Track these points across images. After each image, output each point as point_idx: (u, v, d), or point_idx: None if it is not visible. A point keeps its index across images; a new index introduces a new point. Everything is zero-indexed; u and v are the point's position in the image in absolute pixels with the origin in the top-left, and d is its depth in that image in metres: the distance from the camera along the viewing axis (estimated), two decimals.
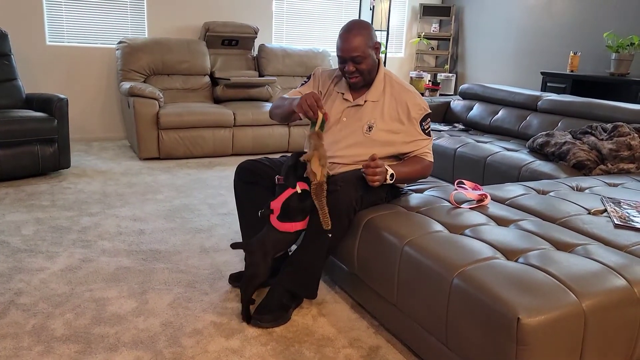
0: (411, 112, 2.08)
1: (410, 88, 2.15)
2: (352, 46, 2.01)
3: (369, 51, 2.03)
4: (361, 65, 2.04)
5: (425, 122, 2.13)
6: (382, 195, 2.11)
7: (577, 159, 2.83)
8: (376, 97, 2.12)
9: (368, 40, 2.03)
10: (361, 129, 2.11)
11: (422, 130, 2.11)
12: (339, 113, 2.15)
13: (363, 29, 2.02)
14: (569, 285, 1.40)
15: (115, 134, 5.00)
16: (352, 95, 2.15)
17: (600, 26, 4.58)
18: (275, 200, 1.94)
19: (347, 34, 2.02)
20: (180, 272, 2.31)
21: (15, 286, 2.12)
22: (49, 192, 3.32)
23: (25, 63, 4.50)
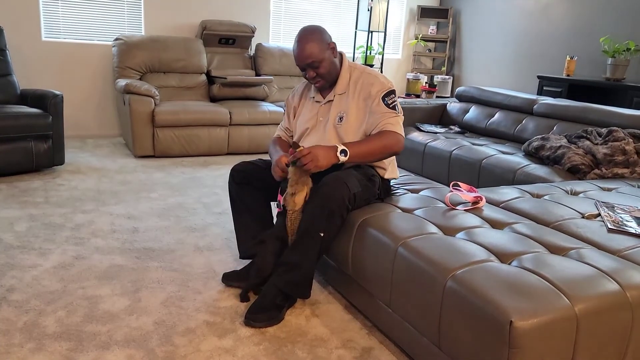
0: (371, 92, 2.07)
1: (371, 71, 2.15)
2: (305, 54, 2.04)
3: (323, 54, 2.06)
4: (319, 70, 2.07)
5: (389, 97, 2.07)
6: (374, 192, 2.10)
7: (572, 163, 2.84)
8: (343, 89, 2.14)
9: (320, 43, 2.05)
10: (333, 122, 2.14)
11: (386, 105, 2.05)
12: (314, 116, 2.20)
13: (313, 34, 2.06)
14: (561, 289, 1.41)
15: (110, 131, 4.98)
16: (322, 95, 2.20)
17: (596, 31, 4.60)
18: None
19: (299, 43, 2.06)
20: (173, 271, 2.30)
21: (7, 283, 2.11)
22: (43, 189, 3.30)
23: (20, 59, 4.47)
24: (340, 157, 1.92)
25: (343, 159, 1.93)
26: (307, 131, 2.21)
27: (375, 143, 2.01)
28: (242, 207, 2.24)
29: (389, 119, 2.04)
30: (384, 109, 2.05)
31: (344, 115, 2.11)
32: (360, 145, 1.99)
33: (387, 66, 6.14)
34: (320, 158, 1.89)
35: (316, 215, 1.91)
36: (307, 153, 1.89)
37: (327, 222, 1.90)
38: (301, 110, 2.27)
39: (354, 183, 1.96)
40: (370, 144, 2.01)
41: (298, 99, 2.30)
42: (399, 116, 2.08)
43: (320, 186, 1.93)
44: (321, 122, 2.18)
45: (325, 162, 1.90)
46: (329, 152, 1.92)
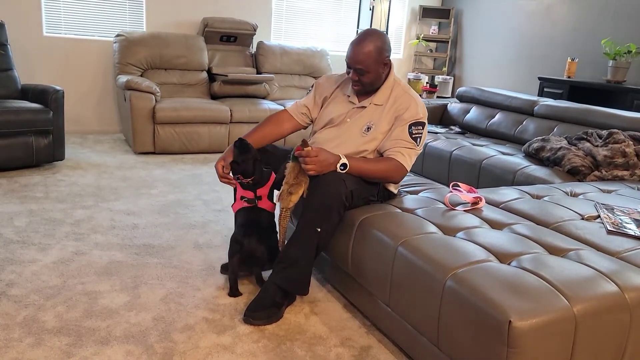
0: (404, 115, 2.05)
1: (413, 95, 2.12)
2: (358, 58, 2.00)
3: (374, 66, 2.02)
4: (364, 78, 2.04)
5: (416, 127, 2.05)
6: (373, 192, 2.10)
7: (572, 164, 2.85)
8: (381, 101, 2.11)
9: (377, 55, 2.01)
10: (360, 129, 2.12)
11: (409, 134, 2.04)
12: (342, 115, 2.16)
13: (374, 43, 2.00)
14: (560, 290, 1.41)
15: (111, 127, 4.98)
16: (359, 98, 2.16)
17: (598, 33, 4.61)
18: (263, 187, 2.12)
19: (356, 46, 2.01)
20: (173, 268, 2.30)
21: (6, 277, 2.11)
22: (43, 184, 3.30)
23: (21, 54, 4.47)
24: (339, 168, 1.94)
25: (341, 171, 1.94)
26: (329, 124, 2.18)
27: (378, 167, 2.01)
28: None
29: (404, 148, 2.03)
30: (406, 136, 2.03)
31: (373, 127, 2.10)
32: (362, 165, 1.98)
33: None
34: (322, 163, 1.91)
35: (313, 211, 1.91)
36: (315, 156, 1.89)
37: (324, 218, 1.91)
38: (332, 101, 2.22)
39: (351, 182, 1.97)
40: (372, 167, 2.00)
41: (332, 88, 2.23)
42: (415, 149, 2.06)
43: (317, 182, 1.93)
44: (347, 124, 2.15)
45: (325, 168, 1.92)
46: (332, 159, 1.93)
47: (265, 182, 2.14)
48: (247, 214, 2.12)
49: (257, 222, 2.12)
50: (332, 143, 2.12)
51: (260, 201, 2.13)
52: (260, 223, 2.12)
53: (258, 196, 2.12)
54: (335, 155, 1.95)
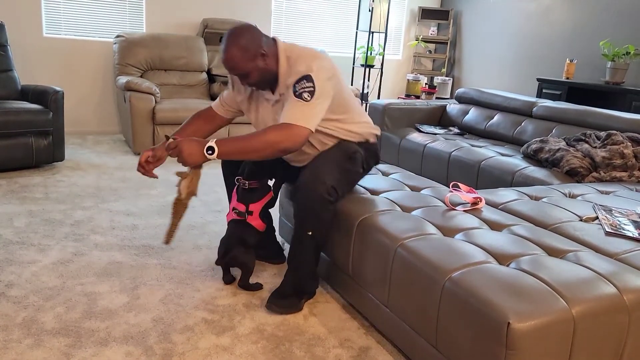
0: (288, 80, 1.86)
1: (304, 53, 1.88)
2: (229, 65, 1.85)
3: (249, 65, 1.83)
4: (249, 80, 1.89)
5: (299, 84, 1.80)
6: (358, 171, 2.04)
7: (571, 165, 2.85)
8: (285, 85, 1.90)
9: (244, 54, 1.81)
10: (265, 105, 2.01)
11: (294, 92, 1.81)
12: (270, 114, 2.02)
13: (236, 44, 1.81)
14: (559, 291, 1.42)
15: (110, 128, 4.98)
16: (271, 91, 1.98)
17: (596, 34, 4.61)
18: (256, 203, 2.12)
19: (223, 53, 1.84)
20: (172, 269, 2.31)
21: (6, 278, 2.11)
22: (43, 185, 3.30)
23: (21, 54, 4.47)
24: (207, 155, 1.79)
25: (211, 157, 1.79)
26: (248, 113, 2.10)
27: (252, 141, 1.78)
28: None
29: (290, 110, 1.81)
30: (291, 98, 1.82)
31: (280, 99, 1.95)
32: (233, 143, 1.79)
33: (388, 67, 6.15)
34: (185, 155, 1.79)
35: (301, 217, 1.92)
36: (174, 147, 1.81)
37: (312, 221, 1.91)
38: (255, 106, 2.07)
39: (331, 174, 1.88)
40: (245, 143, 1.79)
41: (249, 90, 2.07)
42: (306, 104, 1.80)
43: (298, 185, 1.89)
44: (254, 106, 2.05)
45: (191, 159, 1.80)
46: (196, 148, 1.79)
47: (261, 197, 2.13)
48: (235, 226, 2.13)
49: (242, 237, 2.10)
50: None
51: (250, 216, 2.11)
52: (246, 239, 2.10)
53: (249, 211, 2.11)
54: (201, 141, 1.80)
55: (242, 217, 2.12)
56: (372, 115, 4.15)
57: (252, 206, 2.13)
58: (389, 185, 2.35)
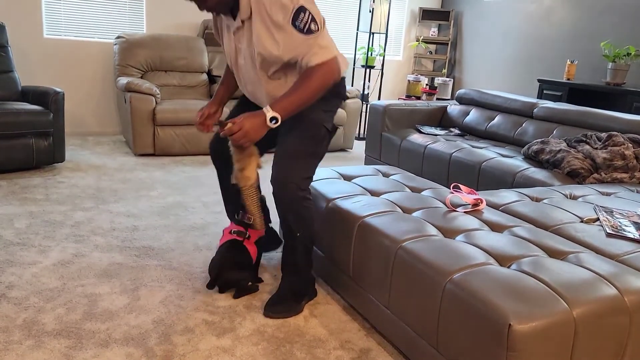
0: (278, 21, 1.74)
1: None
2: None
3: None
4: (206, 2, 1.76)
5: (299, 19, 1.73)
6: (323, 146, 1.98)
7: (571, 167, 2.85)
8: (246, 12, 1.79)
9: None
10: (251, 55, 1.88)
11: (299, 30, 1.74)
12: (232, 43, 1.94)
13: None
14: (560, 293, 1.41)
15: (111, 129, 4.98)
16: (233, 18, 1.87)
17: (597, 35, 4.61)
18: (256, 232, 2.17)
19: None
20: (172, 270, 2.31)
21: (6, 279, 2.11)
22: (43, 186, 3.30)
23: (22, 55, 4.47)
24: (271, 125, 1.76)
25: (274, 125, 1.76)
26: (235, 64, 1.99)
27: (305, 91, 1.77)
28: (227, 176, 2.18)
29: (309, 48, 1.77)
30: (298, 37, 1.75)
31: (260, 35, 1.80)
32: (290, 101, 1.77)
33: (388, 67, 6.15)
34: (251, 133, 1.75)
35: (285, 220, 1.93)
36: (238, 130, 1.74)
37: (296, 222, 1.92)
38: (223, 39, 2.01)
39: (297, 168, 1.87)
40: (300, 94, 1.77)
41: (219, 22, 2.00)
42: (319, 36, 1.77)
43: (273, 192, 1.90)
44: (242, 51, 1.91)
45: (257, 135, 1.77)
46: (258, 122, 1.75)
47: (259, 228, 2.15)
48: (228, 249, 2.11)
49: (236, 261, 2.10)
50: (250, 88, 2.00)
51: (247, 240, 2.14)
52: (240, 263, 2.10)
53: (248, 235, 2.14)
54: (259, 114, 1.75)
55: (242, 237, 2.12)
56: (372, 117, 4.14)
57: (251, 231, 2.16)
58: (390, 186, 2.35)
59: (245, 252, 2.13)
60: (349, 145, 5.09)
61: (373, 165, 2.94)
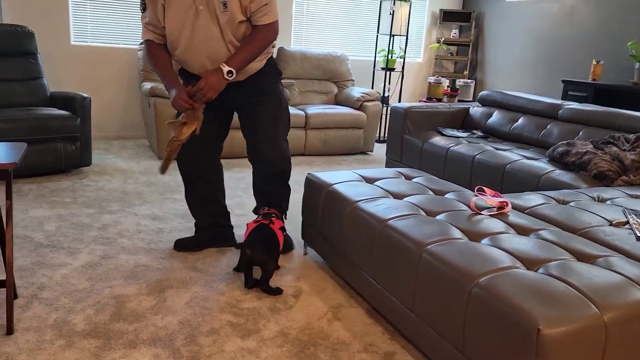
0: None
1: None
2: None
3: None
4: None
5: None
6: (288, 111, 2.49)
7: (599, 169, 2.80)
8: None
9: None
10: (215, 10, 2.10)
11: None
12: (191, 5, 2.10)
13: None
14: (590, 297, 1.39)
15: (135, 133, 5.06)
16: None
17: (623, 35, 4.52)
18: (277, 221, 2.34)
19: None
20: (197, 271, 2.33)
21: (38, 280, 2.16)
22: (71, 189, 3.38)
23: (50, 62, 4.58)
24: (228, 77, 2.14)
25: (231, 78, 2.14)
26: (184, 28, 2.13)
27: (254, 48, 2.19)
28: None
29: (260, 9, 2.15)
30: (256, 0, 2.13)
31: (227, 1, 2.11)
32: (241, 57, 2.16)
33: (409, 70, 6.13)
34: (215, 84, 2.12)
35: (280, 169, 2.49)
36: (204, 85, 2.11)
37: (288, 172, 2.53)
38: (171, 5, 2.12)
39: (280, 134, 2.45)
40: (250, 50, 2.18)
41: None
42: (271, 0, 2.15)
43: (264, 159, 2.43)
44: (203, 12, 2.11)
45: (220, 86, 2.13)
46: (219, 76, 2.12)
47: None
48: (258, 229, 2.25)
49: (266, 238, 2.22)
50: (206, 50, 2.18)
51: (273, 225, 2.28)
52: (269, 240, 2.22)
53: (273, 221, 2.31)
54: (217, 70, 2.13)
55: (268, 219, 2.24)
56: (393, 119, 4.13)
57: (275, 220, 2.30)
58: (412, 189, 2.34)
59: (273, 234, 2.22)
60: (369, 148, 5.09)
61: (395, 168, 2.93)
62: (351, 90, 5.21)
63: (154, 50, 2.26)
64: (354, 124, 4.90)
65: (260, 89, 2.39)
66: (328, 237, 2.32)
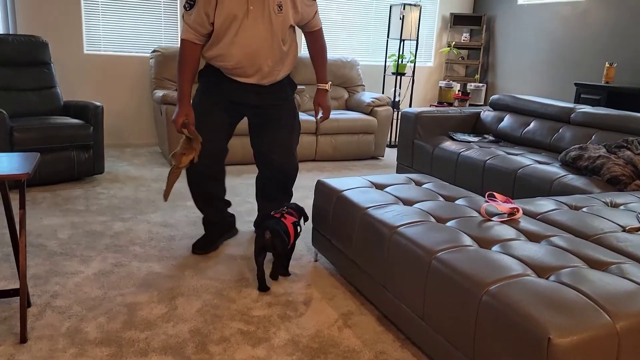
0: None
1: None
2: None
3: None
4: None
5: None
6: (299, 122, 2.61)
7: (612, 173, 2.76)
8: None
9: None
10: (269, 12, 2.20)
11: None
12: (242, 5, 2.18)
13: None
14: (602, 305, 1.37)
15: (147, 140, 5.11)
16: None
17: (636, 37, 4.47)
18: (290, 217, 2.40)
19: None
20: (208, 279, 2.35)
21: (51, 289, 2.19)
22: (84, 197, 3.42)
23: (63, 71, 4.65)
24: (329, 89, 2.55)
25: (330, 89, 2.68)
26: (234, 21, 2.19)
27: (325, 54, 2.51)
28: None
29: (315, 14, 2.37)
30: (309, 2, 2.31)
31: (282, 4, 2.21)
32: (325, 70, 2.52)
33: (419, 74, 6.11)
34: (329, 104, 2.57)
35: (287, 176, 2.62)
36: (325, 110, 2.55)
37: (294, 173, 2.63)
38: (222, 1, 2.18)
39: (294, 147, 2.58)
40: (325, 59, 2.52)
41: None
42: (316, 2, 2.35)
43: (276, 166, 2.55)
44: (253, 12, 2.18)
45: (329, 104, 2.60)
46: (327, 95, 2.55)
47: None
48: (271, 219, 2.34)
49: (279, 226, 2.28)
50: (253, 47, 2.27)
51: (285, 219, 2.35)
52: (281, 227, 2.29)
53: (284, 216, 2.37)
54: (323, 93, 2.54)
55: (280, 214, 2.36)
56: (404, 124, 4.12)
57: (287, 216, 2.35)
58: (423, 195, 2.33)
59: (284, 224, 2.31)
60: (380, 153, 5.08)
61: (405, 173, 2.92)
62: (362, 96, 5.21)
63: (190, 51, 2.31)
64: (364, 129, 4.90)
65: (278, 97, 2.48)
66: (338, 243, 2.32)
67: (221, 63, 2.35)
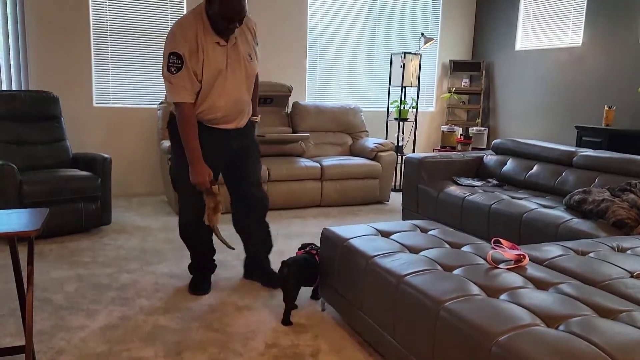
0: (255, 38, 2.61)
1: None
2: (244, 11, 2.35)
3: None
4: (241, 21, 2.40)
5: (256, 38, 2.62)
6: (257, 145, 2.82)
7: (617, 217, 2.76)
8: (237, 30, 2.46)
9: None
10: (244, 62, 2.51)
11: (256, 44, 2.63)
12: (223, 60, 2.45)
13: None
14: (614, 357, 1.35)
15: (154, 190, 5.17)
16: (223, 39, 2.43)
17: (634, 80, 4.56)
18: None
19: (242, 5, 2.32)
20: (214, 332, 2.32)
21: (57, 344, 2.17)
22: (91, 249, 3.43)
23: (73, 123, 4.77)
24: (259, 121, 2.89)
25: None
26: (219, 75, 2.44)
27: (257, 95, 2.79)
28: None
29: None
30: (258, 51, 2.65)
31: (251, 53, 2.55)
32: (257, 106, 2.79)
33: (422, 119, 6.21)
34: None
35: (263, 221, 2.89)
36: None
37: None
38: (207, 55, 2.40)
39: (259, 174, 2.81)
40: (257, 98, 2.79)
41: (194, 44, 2.36)
42: None
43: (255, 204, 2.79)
44: (232, 64, 2.48)
45: None
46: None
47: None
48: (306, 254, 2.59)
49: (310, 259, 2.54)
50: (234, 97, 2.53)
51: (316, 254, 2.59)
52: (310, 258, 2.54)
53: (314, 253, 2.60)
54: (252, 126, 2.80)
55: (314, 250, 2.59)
56: (408, 169, 4.16)
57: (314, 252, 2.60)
58: (428, 242, 2.33)
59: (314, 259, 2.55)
60: (385, 198, 5.10)
61: (411, 218, 2.93)
62: (365, 141, 5.28)
63: (189, 111, 2.45)
64: (369, 174, 4.94)
65: (248, 136, 2.74)
66: (345, 293, 2.31)
67: (211, 115, 2.52)
